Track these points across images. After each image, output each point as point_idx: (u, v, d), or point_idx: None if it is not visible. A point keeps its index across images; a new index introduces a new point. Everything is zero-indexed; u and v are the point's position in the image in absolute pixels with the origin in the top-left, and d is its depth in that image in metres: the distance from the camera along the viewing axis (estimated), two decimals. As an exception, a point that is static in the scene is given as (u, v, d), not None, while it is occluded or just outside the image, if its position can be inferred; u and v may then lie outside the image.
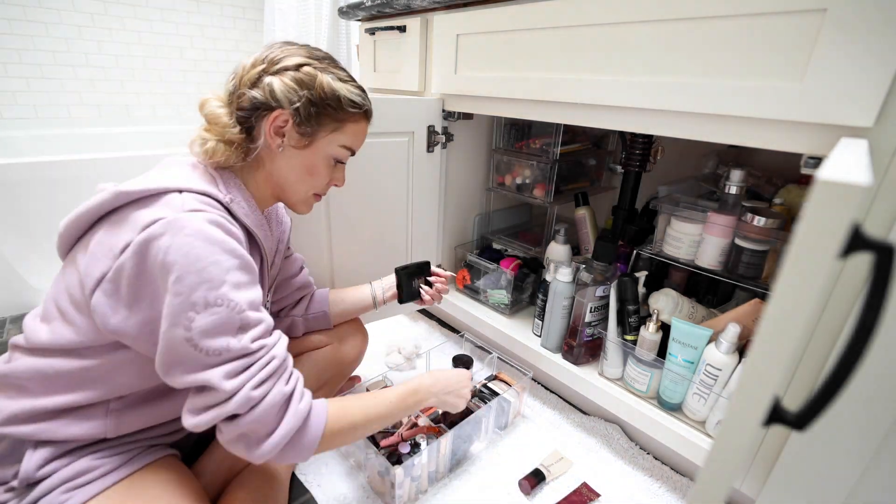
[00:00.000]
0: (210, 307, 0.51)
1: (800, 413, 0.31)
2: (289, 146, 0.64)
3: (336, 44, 2.14)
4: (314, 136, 0.64)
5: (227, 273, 0.53)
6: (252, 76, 0.62)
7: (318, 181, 0.69)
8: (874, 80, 0.50)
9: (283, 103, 0.61)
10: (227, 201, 0.59)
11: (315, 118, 0.63)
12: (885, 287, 0.27)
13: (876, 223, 0.54)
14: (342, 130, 0.66)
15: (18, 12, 1.77)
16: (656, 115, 0.72)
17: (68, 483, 0.57)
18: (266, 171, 0.66)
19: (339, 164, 0.71)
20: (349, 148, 0.69)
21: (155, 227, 0.51)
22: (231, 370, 0.53)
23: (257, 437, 0.55)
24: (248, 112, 0.62)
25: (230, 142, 0.61)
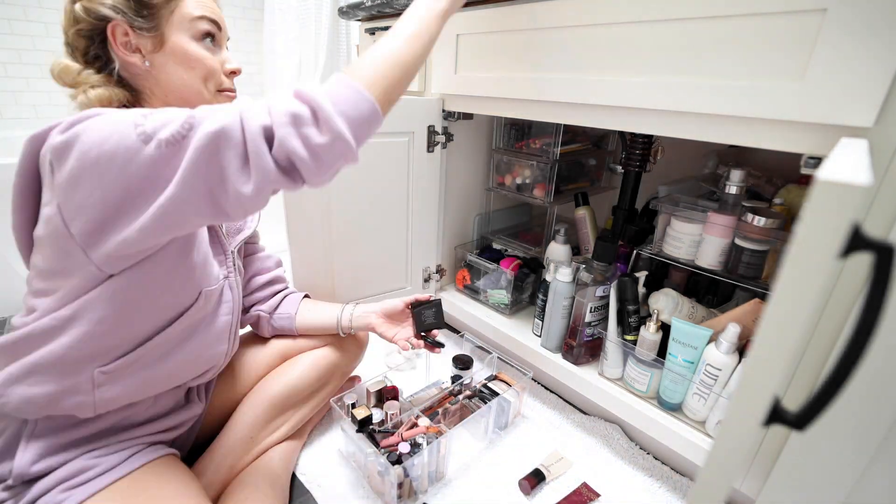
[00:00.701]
0: (148, 116, 0.49)
1: (800, 413, 0.31)
2: (149, 55, 0.60)
3: (336, 44, 2.14)
4: (158, 26, 0.59)
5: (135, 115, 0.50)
6: (68, 16, 0.58)
7: (206, 68, 0.63)
8: (874, 80, 0.50)
9: (107, 13, 0.57)
10: None
11: (144, 8, 0.58)
12: (885, 287, 0.27)
13: (876, 223, 0.54)
14: (180, 4, 0.61)
15: (18, 12, 1.77)
16: (656, 115, 0.72)
17: (66, 482, 0.57)
18: (160, 96, 0.63)
19: (213, 44, 0.65)
20: (203, 17, 0.62)
21: (59, 125, 0.50)
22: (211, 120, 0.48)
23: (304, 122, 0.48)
24: (87, 48, 0.59)
25: (95, 84, 0.59)
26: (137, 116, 0.49)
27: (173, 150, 0.48)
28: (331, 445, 0.92)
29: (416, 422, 0.85)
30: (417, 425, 0.84)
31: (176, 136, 0.48)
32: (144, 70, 0.60)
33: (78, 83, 0.59)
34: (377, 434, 0.82)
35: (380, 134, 0.98)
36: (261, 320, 0.87)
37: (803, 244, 0.28)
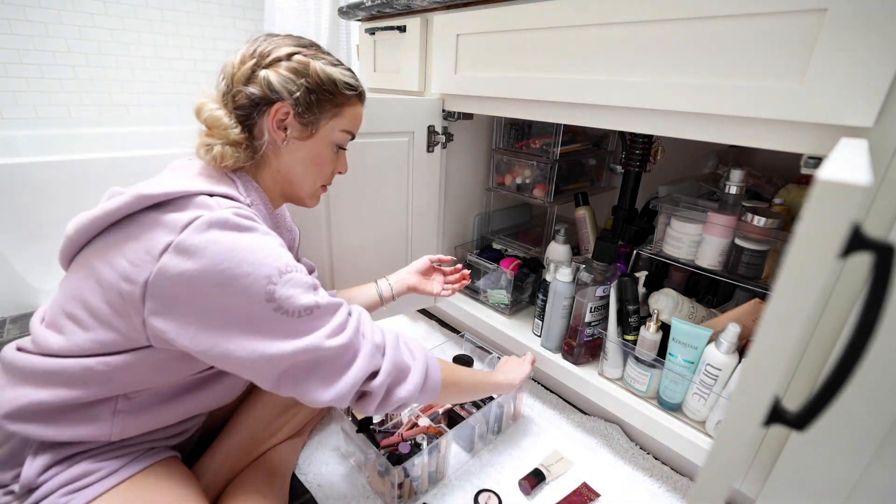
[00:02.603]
0: (284, 275, 0.53)
1: (800, 413, 0.31)
2: (293, 139, 0.64)
3: (336, 44, 2.14)
4: (316, 124, 0.64)
5: (279, 247, 0.55)
6: (245, 72, 0.61)
7: (324, 171, 0.69)
8: (874, 80, 0.50)
9: (283, 95, 0.60)
10: (248, 204, 0.60)
11: (315, 106, 0.63)
12: (885, 287, 0.27)
13: (876, 223, 0.54)
14: (341, 115, 0.66)
15: (18, 12, 1.77)
16: (656, 115, 0.72)
17: (68, 486, 0.57)
18: (273, 168, 0.66)
19: (342, 151, 0.72)
20: (349, 132, 0.69)
21: (197, 223, 0.51)
22: (332, 329, 0.56)
23: (399, 378, 0.62)
24: (247, 110, 0.61)
25: (235, 143, 0.61)
26: (273, 272, 0.53)
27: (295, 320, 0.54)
28: (331, 445, 0.92)
29: (416, 422, 0.85)
30: (417, 425, 0.84)
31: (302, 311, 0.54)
32: (279, 146, 0.64)
33: (221, 135, 0.61)
34: (377, 434, 0.83)
35: (380, 134, 0.99)
36: None
37: (803, 244, 0.28)
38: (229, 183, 0.60)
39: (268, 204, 0.66)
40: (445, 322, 1.41)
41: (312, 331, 0.55)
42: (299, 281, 0.55)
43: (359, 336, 0.59)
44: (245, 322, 0.52)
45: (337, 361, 0.56)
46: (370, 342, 0.59)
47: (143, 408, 0.62)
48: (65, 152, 1.46)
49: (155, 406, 0.63)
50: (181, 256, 0.50)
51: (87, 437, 0.58)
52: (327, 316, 0.57)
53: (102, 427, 0.59)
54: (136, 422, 0.61)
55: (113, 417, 0.59)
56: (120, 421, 0.60)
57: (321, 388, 0.56)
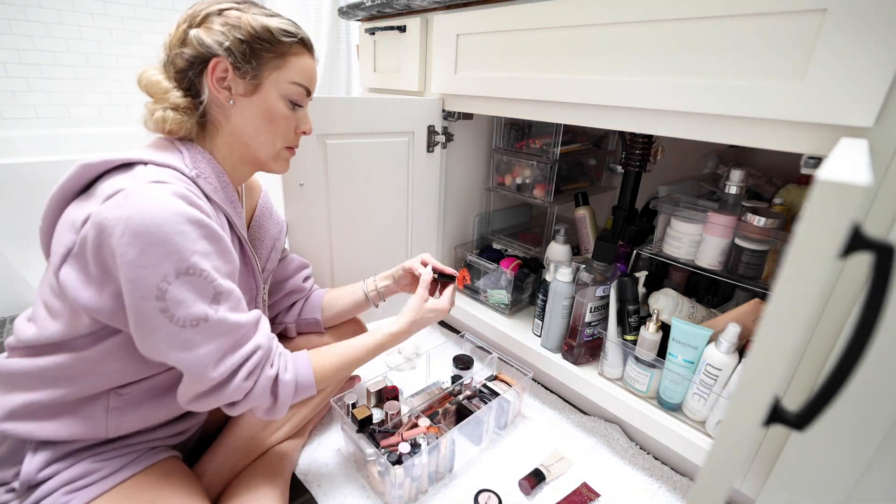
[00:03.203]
0: (181, 276, 0.50)
1: (800, 413, 0.31)
2: (237, 96, 0.61)
3: (336, 44, 2.14)
4: (258, 77, 0.61)
5: (194, 243, 0.52)
6: (179, 36, 0.60)
7: (280, 128, 0.66)
8: (874, 80, 0.50)
9: (214, 48, 0.58)
10: (194, 175, 0.58)
11: (252, 56, 0.60)
12: (885, 287, 0.27)
13: (876, 223, 0.54)
14: (286, 66, 0.63)
15: (18, 12, 1.77)
16: (656, 115, 0.72)
17: (70, 485, 0.57)
18: (226, 132, 0.64)
19: (299, 108, 0.67)
20: (300, 84, 0.65)
21: (116, 198, 0.50)
22: (215, 353, 0.54)
23: (260, 410, 0.62)
24: (184, 72, 0.60)
25: (176, 106, 0.60)
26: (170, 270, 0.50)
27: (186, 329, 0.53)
28: (331, 445, 0.92)
29: (416, 422, 0.85)
30: (417, 425, 0.84)
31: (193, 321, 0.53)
32: (226, 107, 0.62)
33: (162, 99, 0.60)
34: (377, 434, 0.82)
35: (380, 134, 0.99)
36: (287, 330, 0.89)
37: (803, 244, 0.28)
38: (175, 153, 0.59)
39: (222, 176, 0.63)
40: (445, 322, 1.41)
41: (192, 347, 0.53)
42: (199, 285, 0.52)
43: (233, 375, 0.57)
44: (131, 310, 0.51)
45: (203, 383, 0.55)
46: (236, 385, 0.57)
47: (136, 404, 0.62)
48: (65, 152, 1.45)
49: (148, 402, 0.63)
50: (94, 230, 0.50)
51: (83, 434, 0.59)
52: (213, 335, 0.54)
53: (97, 424, 0.59)
54: (131, 418, 0.62)
55: (107, 414, 0.60)
56: (114, 418, 0.60)
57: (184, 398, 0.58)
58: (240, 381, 0.57)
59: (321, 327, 0.89)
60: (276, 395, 0.62)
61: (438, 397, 0.95)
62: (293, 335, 0.90)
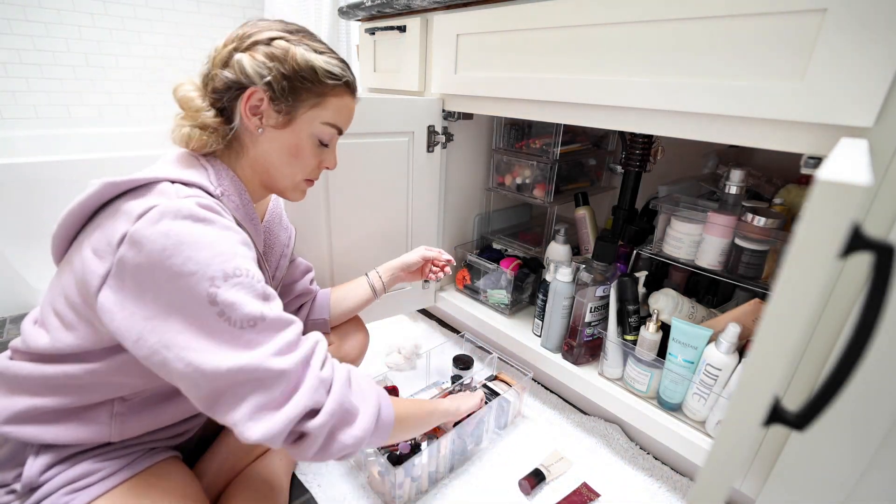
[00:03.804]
0: (230, 278, 0.49)
1: (800, 413, 0.31)
2: (268, 126, 0.61)
3: (336, 44, 2.14)
4: (293, 113, 0.61)
5: (235, 246, 0.51)
6: (223, 55, 0.59)
7: (305, 164, 0.65)
8: (874, 80, 0.50)
9: (255, 79, 0.58)
10: (218, 194, 0.58)
11: (291, 93, 0.59)
12: (885, 287, 0.27)
13: (876, 223, 0.54)
14: (323, 105, 0.62)
15: (18, 12, 1.77)
16: (656, 115, 0.72)
17: (70, 485, 0.57)
18: (250, 156, 0.63)
19: (327, 145, 0.67)
20: (334, 125, 0.65)
21: (150, 214, 0.49)
22: (278, 348, 0.50)
23: (345, 421, 0.54)
24: (221, 93, 0.59)
25: (205, 126, 0.59)
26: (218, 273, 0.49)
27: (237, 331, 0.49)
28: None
29: (417, 422, 0.85)
30: (417, 425, 0.84)
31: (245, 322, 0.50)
32: (254, 134, 0.61)
33: (192, 116, 0.59)
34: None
35: (380, 134, 0.99)
36: None
37: (803, 244, 0.28)
38: (200, 170, 0.58)
39: (244, 194, 0.63)
40: (445, 322, 1.41)
41: (255, 346, 0.49)
42: (248, 286, 0.51)
43: (306, 365, 0.52)
44: (185, 323, 0.48)
45: (275, 388, 0.49)
46: (315, 374, 0.52)
47: (140, 409, 0.62)
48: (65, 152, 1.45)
49: (152, 407, 0.62)
50: (134, 248, 0.48)
51: (86, 439, 0.59)
52: (274, 331, 0.51)
53: (101, 429, 0.59)
54: (135, 423, 0.61)
55: (111, 420, 0.59)
56: (118, 423, 0.60)
57: (252, 421, 0.48)
58: (315, 370, 0.52)
59: (328, 327, 0.89)
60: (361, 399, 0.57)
61: (438, 397, 0.95)
62: None
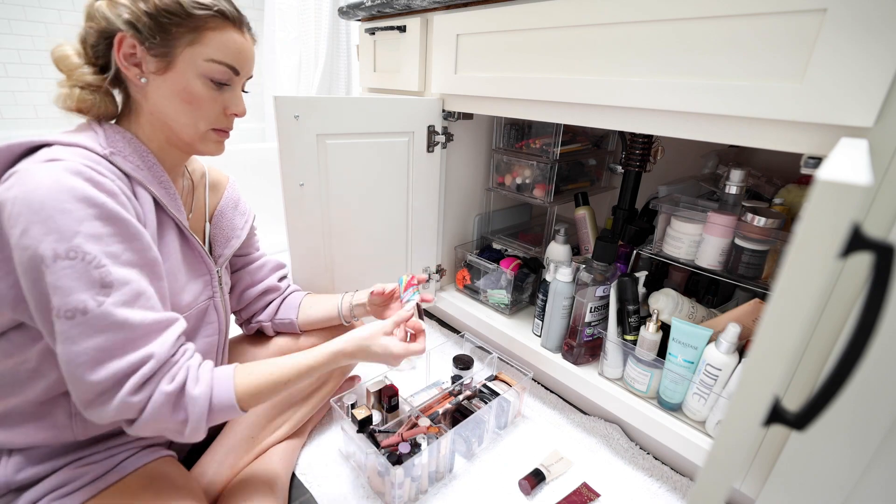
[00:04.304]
0: (59, 260, 0.46)
1: (800, 413, 0.31)
2: (150, 74, 0.57)
3: (336, 44, 2.15)
4: (171, 54, 0.56)
5: (79, 223, 0.47)
6: (87, 9, 0.56)
7: (203, 110, 0.60)
8: (874, 80, 0.50)
9: (117, 23, 0.54)
10: (107, 153, 0.55)
11: (161, 32, 0.55)
12: (885, 287, 0.27)
13: (876, 223, 0.54)
14: (202, 41, 0.57)
15: (18, 12, 1.77)
16: (656, 115, 0.72)
17: (56, 491, 0.56)
18: (146, 112, 0.60)
19: (226, 87, 0.61)
20: (222, 63, 0.59)
21: (9, 180, 0.48)
22: (93, 353, 0.47)
23: (169, 432, 0.54)
24: (95, 48, 0.57)
25: (85, 84, 0.56)
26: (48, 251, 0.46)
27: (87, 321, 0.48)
28: (331, 445, 0.92)
29: (416, 422, 0.85)
30: (417, 425, 0.84)
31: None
32: (141, 85, 0.58)
33: (70, 76, 0.57)
34: (377, 434, 0.83)
35: (380, 134, 0.99)
36: (263, 328, 0.88)
37: (803, 244, 0.28)
38: (90, 135, 0.56)
39: (147, 155, 0.59)
40: (445, 322, 1.41)
41: (65, 341, 0.47)
42: (81, 271, 0.47)
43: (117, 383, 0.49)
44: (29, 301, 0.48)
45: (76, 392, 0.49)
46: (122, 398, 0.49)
47: None
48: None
49: None
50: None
51: (52, 440, 0.57)
52: (93, 331, 0.47)
53: (62, 431, 0.58)
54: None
55: (70, 420, 0.58)
56: (79, 422, 0.58)
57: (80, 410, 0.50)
58: (125, 394, 0.49)
59: (296, 329, 0.87)
60: (183, 412, 0.53)
61: (438, 397, 0.95)
62: (271, 334, 0.89)
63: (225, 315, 0.76)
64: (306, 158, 0.89)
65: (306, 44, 2.09)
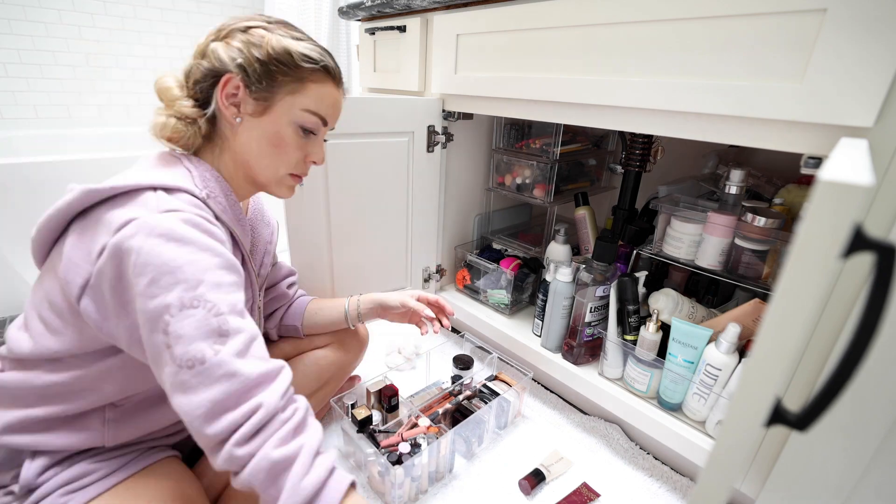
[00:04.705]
0: (185, 309, 0.47)
1: (801, 414, 0.31)
2: (246, 115, 0.60)
3: (336, 44, 2.14)
4: (270, 99, 0.59)
5: (204, 273, 0.49)
6: (202, 46, 0.60)
7: (287, 155, 0.63)
8: (874, 80, 0.50)
9: (228, 65, 0.57)
10: (204, 196, 0.57)
11: (267, 78, 0.58)
12: (886, 287, 0.27)
13: (876, 223, 0.54)
14: (302, 91, 0.60)
15: (18, 12, 1.77)
16: (656, 115, 0.72)
17: (68, 486, 0.57)
18: (232, 149, 0.62)
19: (312, 136, 0.65)
20: (315, 113, 0.62)
21: (128, 228, 0.49)
22: (212, 408, 0.47)
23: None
24: (200, 84, 0.59)
25: (182, 116, 0.59)
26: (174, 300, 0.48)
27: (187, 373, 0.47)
28: (331, 445, 0.92)
29: (417, 422, 0.85)
30: (417, 425, 0.84)
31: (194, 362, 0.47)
32: (233, 124, 0.60)
33: (170, 107, 0.60)
34: (377, 434, 0.82)
35: (380, 134, 0.99)
36: (268, 333, 0.88)
37: (805, 244, 0.28)
38: (182, 172, 0.58)
39: (230, 194, 0.62)
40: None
41: (187, 390, 0.47)
42: (202, 320, 0.47)
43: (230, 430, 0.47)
44: (147, 348, 0.50)
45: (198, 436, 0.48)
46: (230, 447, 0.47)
47: (132, 414, 0.61)
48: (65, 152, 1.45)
49: (144, 411, 0.62)
50: (111, 261, 0.49)
51: (81, 445, 0.59)
52: (211, 380, 0.47)
53: (94, 436, 0.59)
54: (129, 428, 0.61)
55: (104, 427, 0.59)
56: (111, 429, 0.60)
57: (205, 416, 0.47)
58: (231, 445, 0.47)
59: (300, 334, 0.88)
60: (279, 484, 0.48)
61: (438, 397, 0.95)
62: (275, 339, 0.89)
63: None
64: (306, 158, 0.89)
65: (306, 44, 2.09)
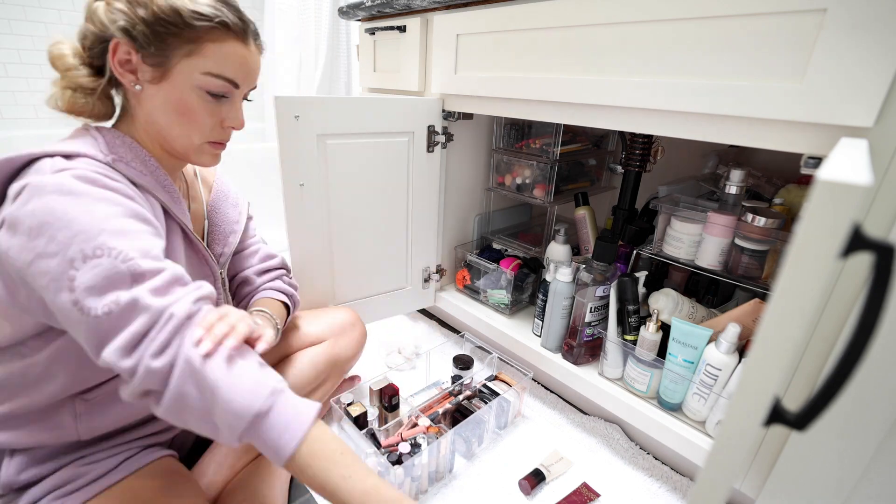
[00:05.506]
0: (89, 259, 0.45)
1: (800, 413, 0.31)
2: (145, 82, 0.55)
3: (336, 44, 2.14)
4: (166, 64, 0.54)
5: (104, 221, 0.47)
6: (87, 10, 0.54)
7: (198, 123, 0.58)
8: (874, 80, 0.50)
9: (111, 28, 0.52)
10: (109, 161, 0.53)
11: (157, 42, 0.53)
12: (885, 287, 0.27)
13: (876, 223, 0.54)
14: (200, 53, 0.55)
15: (18, 12, 1.77)
16: (656, 115, 0.72)
17: (58, 490, 0.56)
18: (141, 119, 0.58)
19: (224, 100, 0.59)
20: (220, 76, 0.57)
21: (21, 195, 0.47)
22: (128, 339, 0.45)
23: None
24: (91, 51, 0.55)
25: (79, 86, 0.55)
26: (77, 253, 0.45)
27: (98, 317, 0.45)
28: (331, 445, 0.92)
29: (416, 422, 0.85)
30: (417, 425, 0.84)
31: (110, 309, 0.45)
32: (135, 92, 0.56)
33: (64, 76, 0.55)
34: (377, 434, 0.83)
35: (380, 134, 0.99)
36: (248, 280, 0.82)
37: (804, 244, 0.28)
38: (88, 139, 0.55)
39: (149, 160, 0.58)
40: (445, 322, 1.41)
41: (108, 341, 0.45)
42: (109, 268, 0.45)
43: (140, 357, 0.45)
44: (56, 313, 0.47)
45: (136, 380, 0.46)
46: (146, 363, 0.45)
47: (104, 406, 0.59)
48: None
49: (117, 403, 0.59)
50: (9, 232, 0.47)
51: (54, 440, 0.57)
52: (130, 321, 0.45)
53: (67, 431, 0.57)
54: (103, 420, 0.59)
55: (75, 421, 0.58)
56: (84, 422, 0.58)
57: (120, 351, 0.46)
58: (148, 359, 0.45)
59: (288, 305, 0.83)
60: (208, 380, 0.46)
61: (438, 397, 0.95)
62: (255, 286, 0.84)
63: None
64: (306, 158, 0.89)
65: (306, 44, 2.09)
